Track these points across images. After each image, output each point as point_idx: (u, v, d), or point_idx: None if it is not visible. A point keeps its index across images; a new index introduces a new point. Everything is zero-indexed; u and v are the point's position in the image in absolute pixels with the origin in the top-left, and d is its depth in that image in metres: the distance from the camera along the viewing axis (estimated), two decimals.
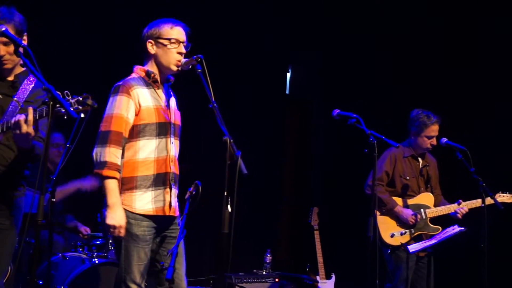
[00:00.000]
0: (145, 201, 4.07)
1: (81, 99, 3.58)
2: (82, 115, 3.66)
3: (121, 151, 4.03)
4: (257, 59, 8.16)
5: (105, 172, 3.97)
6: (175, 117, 4.28)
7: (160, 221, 4.15)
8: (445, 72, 8.12)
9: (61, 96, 3.45)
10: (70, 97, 3.57)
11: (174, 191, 4.21)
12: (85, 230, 6.62)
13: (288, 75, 8.97)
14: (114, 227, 3.95)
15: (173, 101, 4.33)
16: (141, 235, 4.06)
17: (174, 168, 4.20)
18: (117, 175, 4.00)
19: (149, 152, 4.09)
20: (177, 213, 4.25)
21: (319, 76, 8.78)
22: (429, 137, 6.24)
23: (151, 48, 4.20)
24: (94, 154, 4.03)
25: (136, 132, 4.07)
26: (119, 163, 4.01)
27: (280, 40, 8.39)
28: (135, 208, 4.06)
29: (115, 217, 3.95)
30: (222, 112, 3.89)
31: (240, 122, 7.63)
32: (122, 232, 3.98)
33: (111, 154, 3.98)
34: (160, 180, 4.12)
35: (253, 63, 8.13)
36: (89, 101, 3.58)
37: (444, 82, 8.07)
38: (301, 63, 8.93)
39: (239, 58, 8.01)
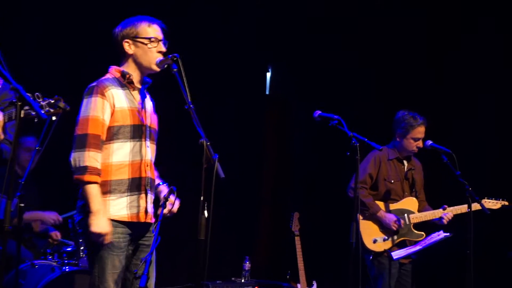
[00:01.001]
0: (120, 207, 4.05)
1: (52, 101, 3.56)
2: (54, 118, 3.64)
3: (100, 154, 4.01)
4: (236, 58, 8.16)
5: (87, 177, 3.94)
6: (151, 120, 4.26)
7: (135, 228, 4.13)
8: (428, 72, 8.19)
9: (30, 97, 3.42)
10: (41, 99, 3.54)
11: (150, 197, 4.20)
12: (56, 235, 6.58)
13: (268, 74, 8.98)
14: (100, 235, 3.93)
15: (149, 104, 4.31)
16: (115, 242, 4.04)
17: (149, 173, 4.19)
18: (99, 179, 3.98)
19: (124, 155, 4.08)
20: (153, 220, 4.23)
21: (300, 76, 8.79)
22: (415, 139, 6.25)
23: (129, 48, 4.16)
24: (72, 160, 3.99)
25: (110, 134, 4.05)
26: (99, 167, 3.99)
27: (260, 38, 8.40)
28: (109, 214, 4.03)
29: (100, 223, 3.93)
30: (199, 114, 3.88)
31: (218, 124, 7.64)
32: (108, 239, 3.97)
33: (91, 158, 3.96)
34: (135, 185, 4.11)
35: (232, 62, 8.13)
36: (61, 104, 3.56)
37: (426, 82, 8.14)
38: (281, 62, 8.94)
39: (218, 57, 8.00)
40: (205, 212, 3.75)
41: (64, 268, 5.69)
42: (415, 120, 6.23)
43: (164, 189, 4.30)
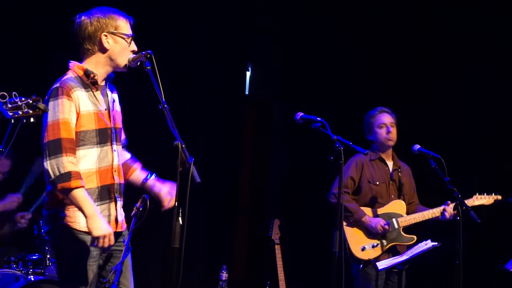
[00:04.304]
0: None
1: (31, 101, 3.45)
2: (32, 120, 3.57)
3: (76, 159, 3.94)
4: (213, 55, 8.13)
5: (74, 183, 3.85)
6: (116, 120, 4.19)
7: None
8: (412, 72, 8.25)
9: None
10: (18, 99, 3.44)
11: (120, 204, 4.15)
12: (21, 217, 6.49)
13: (248, 73, 8.96)
14: (104, 236, 3.86)
15: (113, 99, 4.23)
16: (85, 251, 3.99)
17: (118, 178, 4.14)
18: (84, 183, 3.90)
19: (91, 162, 4.02)
20: (123, 228, 4.20)
21: (281, 76, 8.78)
22: (382, 126, 6.28)
23: (106, 42, 4.07)
24: (49, 168, 3.88)
25: (75, 140, 3.96)
26: (79, 171, 3.93)
27: (240, 35, 8.38)
28: (79, 225, 3.98)
29: (101, 226, 3.86)
30: (173, 114, 3.86)
31: (193, 125, 7.61)
32: (112, 240, 3.91)
33: (70, 163, 3.88)
34: (105, 193, 4.06)
35: (209, 60, 8.10)
36: (41, 105, 3.45)
37: (411, 82, 8.19)
38: (262, 61, 8.92)
39: (193, 54, 7.97)
40: (180, 218, 3.74)
41: (29, 277, 5.65)
42: (372, 113, 6.35)
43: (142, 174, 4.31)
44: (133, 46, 4.14)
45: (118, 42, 4.09)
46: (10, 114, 3.29)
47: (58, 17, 6.74)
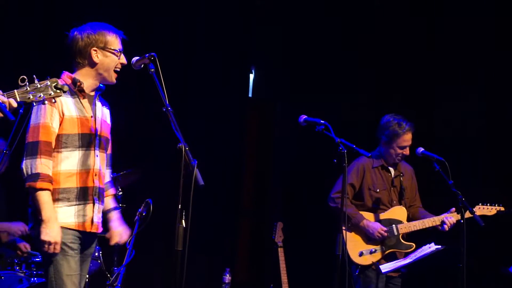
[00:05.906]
0: (68, 215, 4.14)
1: (49, 83, 3.44)
2: (54, 101, 3.57)
3: (52, 162, 4.10)
4: (217, 57, 8.13)
5: (39, 184, 4.03)
6: (102, 128, 4.33)
7: (83, 236, 4.21)
8: (418, 75, 8.24)
9: None
10: (37, 82, 3.41)
11: (97, 206, 4.27)
12: (24, 246, 6.51)
13: (251, 76, 8.95)
14: (50, 243, 4.00)
15: (102, 111, 4.38)
16: (69, 243, 4.12)
17: (98, 182, 4.27)
18: (51, 186, 4.07)
19: (72, 164, 4.17)
20: (99, 230, 4.31)
21: (284, 78, 8.77)
22: (401, 148, 6.20)
23: (96, 56, 4.23)
24: (24, 167, 4.08)
25: (58, 142, 4.15)
26: (51, 174, 4.08)
27: (243, 37, 8.38)
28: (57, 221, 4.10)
29: (51, 232, 4.01)
30: (177, 116, 3.87)
31: (197, 128, 7.61)
32: (58, 249, 4.04)
33: (43, 165, 4.06)
34: (83, 194, 4.20)
35: (213, 62, 8.10)
36: (65, 87, 3.44)
37: (417, 85, 8.18)
38: (265, 63, 8.92)
39: (197, 57, 7.97)
40: (183, 221, 3.74)
41: (32, 279, 5.64)
42: (400, 128, 6.14)
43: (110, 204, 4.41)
44: (123, 59, 4.29)
45: (107, 57, 4.26)
46: (36, 97, 3.30)
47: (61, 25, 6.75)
